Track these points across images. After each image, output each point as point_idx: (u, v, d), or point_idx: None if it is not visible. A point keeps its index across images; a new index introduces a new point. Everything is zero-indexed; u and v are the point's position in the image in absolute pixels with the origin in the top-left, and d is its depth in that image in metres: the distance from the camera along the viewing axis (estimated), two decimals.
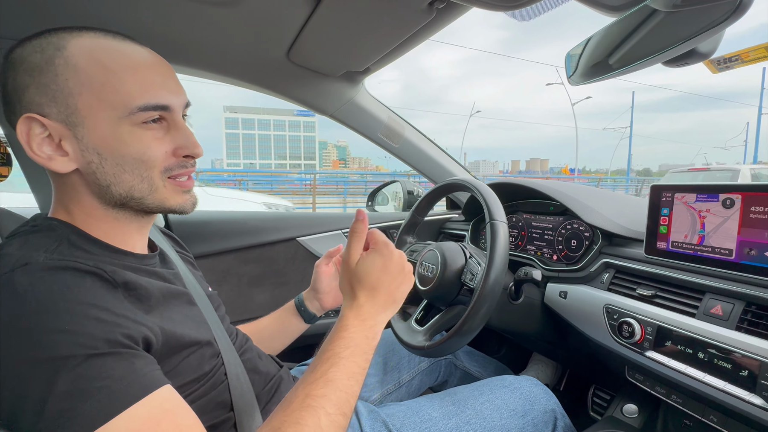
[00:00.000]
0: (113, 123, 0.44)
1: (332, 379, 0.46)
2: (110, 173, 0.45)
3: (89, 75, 0.43)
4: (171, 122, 0.48)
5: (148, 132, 0.46)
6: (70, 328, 0.36)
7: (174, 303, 0.50)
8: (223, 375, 0.53)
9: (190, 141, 0.49)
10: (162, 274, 0.53)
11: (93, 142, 0.44)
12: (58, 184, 0.48)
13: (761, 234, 0.60)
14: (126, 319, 0.40)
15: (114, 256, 0.48)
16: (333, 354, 0.48)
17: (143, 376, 0.38)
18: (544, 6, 0.62)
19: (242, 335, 0.68)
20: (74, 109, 0.43)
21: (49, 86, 0.42)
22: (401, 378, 0.94)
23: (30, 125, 0.43)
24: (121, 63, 0.44)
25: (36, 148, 0.43)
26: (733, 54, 0.66)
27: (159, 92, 0.46)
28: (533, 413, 0.74)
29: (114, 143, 0.44)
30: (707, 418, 0.66)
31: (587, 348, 0.85)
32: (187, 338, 0.48)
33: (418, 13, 0.72)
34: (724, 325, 0.60)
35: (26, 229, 0.46)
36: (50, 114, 0.43)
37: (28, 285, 0.37)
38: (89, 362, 0.35)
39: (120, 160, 0.45)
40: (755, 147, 26.23)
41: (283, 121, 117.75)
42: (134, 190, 0.46)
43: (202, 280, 0.66)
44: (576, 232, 0.94)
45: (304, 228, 1.29)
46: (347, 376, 0.47)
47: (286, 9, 0.76)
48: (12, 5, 0.73)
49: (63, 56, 0.43)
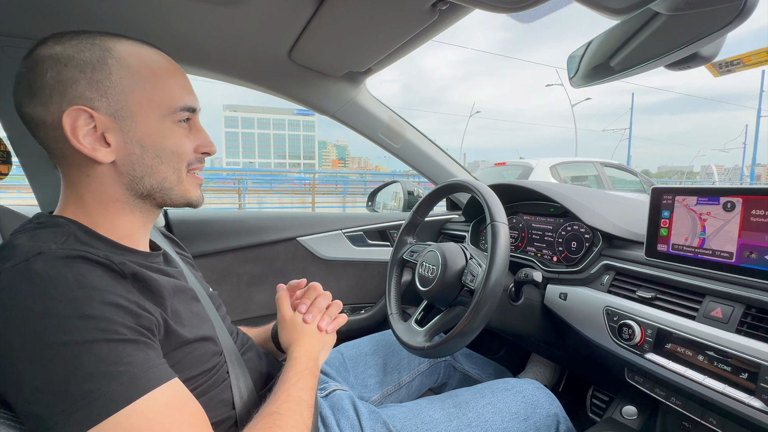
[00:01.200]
0: (158, 119, 0.49)
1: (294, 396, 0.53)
2: (148, 164, 0.49)
3: (141, 76, 0.48)
4: (193, 123, 0.54)
5: (181, 129, 0.51)
6: (89, 313, 0.37)
7: (180, 298, 0.51)
8: (225, 373, 0.55)
9: (207, 140, 0.55)
10: (167, 271, 0.54)
11: (138, 135, 0.48)
12: (78, 177, 0.48)
13: (762, 237, 0.60)
14: (138, 307, 0.42)
15: (120, 252, 0.49)
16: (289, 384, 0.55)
17: (156, 367, 0.40)
18: (547, 8, 0.62)
19: (243, 335, 0.69)
20: (124, 104, 0.47)
21: (102, 82, 0.46)
22: (401, 379, 0.95)
23: (77, 117, 0.45)
24: (163, 68, 0.50)
25: (82, 138, 0.45)
26: (735, 58, 0.66)
27: (190, 96, 0.52)
28: (535, 417, 0.74)
29: (158, 137, 0.49)
30: (706, 421, 0.66)
31: (587, 349, 0.85)
32: (192, 334, 0.49)
33: (421, 14, 0.72)
34: (724, 327, 0.60)
35: (31, 225, 0.46)
36: (99, 108, 0.46)
37: (45, 273, 0.38)
38: (110, 346, 0.37)
39: (160, 152, 0.49)
40: (754, 149, 26.30)
41: (283, 120, 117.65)
42: (166, 180, 0.51)
43: (202, 281, 0.67)
44: (576, 234, 0.94)
45: (304, 228, 1.29)
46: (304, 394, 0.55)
47: (289, 9, 0.76)
48: (12, 5, 0.73)
49: (114, 57, 0.47)
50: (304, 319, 0.65)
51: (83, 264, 0.40)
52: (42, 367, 0.35)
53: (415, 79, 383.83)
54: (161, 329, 0.44)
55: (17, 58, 0.85)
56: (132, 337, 0.39)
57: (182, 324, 0.48)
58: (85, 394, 0.35)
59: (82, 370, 0.35)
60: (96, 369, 0.36)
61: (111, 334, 0.37)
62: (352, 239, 1.35)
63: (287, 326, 0.66)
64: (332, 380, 0.82)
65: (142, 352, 0.39)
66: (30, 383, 0.35)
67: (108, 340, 0.37)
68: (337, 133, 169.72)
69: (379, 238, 1.42)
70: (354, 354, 0.95)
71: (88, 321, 0.37)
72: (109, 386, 0.35)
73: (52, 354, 0.35)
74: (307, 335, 0.64)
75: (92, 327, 0.37)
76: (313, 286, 0.71)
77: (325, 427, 0.66)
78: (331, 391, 0.75)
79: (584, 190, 1.04)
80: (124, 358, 0.37)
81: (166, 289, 0.48)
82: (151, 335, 0.42)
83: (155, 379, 0.39)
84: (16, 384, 0.36)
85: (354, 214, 1.41)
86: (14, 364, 0.36)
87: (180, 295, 0.52)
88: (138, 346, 0.39)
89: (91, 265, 0.41)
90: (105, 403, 0.35)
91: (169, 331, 0.46)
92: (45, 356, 0.35)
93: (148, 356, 0.39)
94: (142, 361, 0.38)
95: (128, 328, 0.39)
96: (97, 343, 0.36)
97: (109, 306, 0.39)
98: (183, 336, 0.47)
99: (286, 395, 0.52)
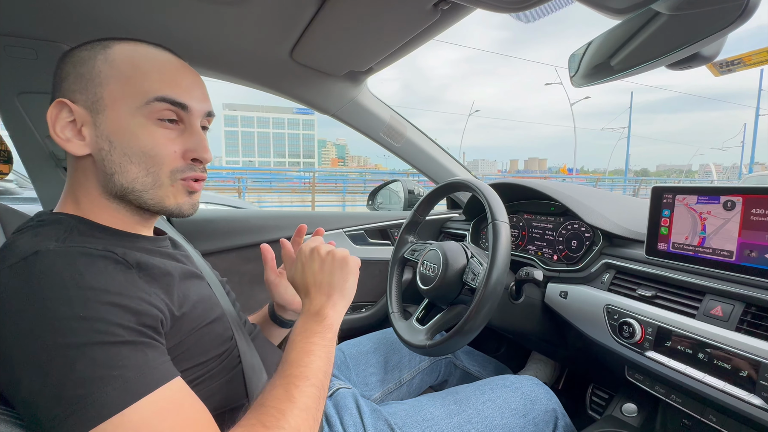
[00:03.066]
0: (129, 114, 0.46)
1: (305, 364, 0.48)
2: (117, 162, 0.47)
3: (120, 69, 0.46)
4: (188, 126, 0.50)
5: (160, 130, 0.48)
6: (84, 314, 0.36)
7: (188, 283, 0.51)
8: (236, 358, 0.54)
9: (200, 145, 0.50)
10: (175, 255, 0.54)
11: (107, 130, 0.46)
12: (71, 171, 0.50)
13: (762, 236, 0.60)
14: (140, 301, 0.41)
15: (125, 239, 0.49)
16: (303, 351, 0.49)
17: (155, 368, 0.38)
18: (549, 8, 0.62)
19: (250, 323, 0.69)
20: (99, 97, 0.46)
21: (85, 76, 0.46)
22: (402, 377, 0.95)
23: (60, 109, 0.46)
24: (151, 63, 0.48)
25: (59, 130, 0.46)
26: (736, 57, 0.66)
27: (180, 92, 0.48)
28: (534, 413, 0.75)
29: (125, 134, 0.46)
30: (706, 418, 0.66)
31: (587, 347, 0.85)
32: (202, 318, 0.49)
33: (423, 13, 0.72)
34: (723, 326, 0.61)
35: (33, 224, 0.46)
36: (79, 100, 0.46)
37: (40, 273, 0.38)
38: (105, 349, 0.36)
39: (128, 150, 0.46)
40: (752, 148, 26.33)
41: (282, 119, 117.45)
42: (137, 182, 0.47)
43: (211, 267, 0.67)
44: (577, 233, 0.94)
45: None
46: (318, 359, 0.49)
47: (291, 9, 0.76)
48: (15, 5, 0.74)
49: (105, 53, 0.47)
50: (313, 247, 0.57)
51: (82, 260, 0.40)
52: (38, 368, 0.35)
53: (413, 78, 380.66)
54: (168, 321, 0.43)
55: (19, 57, 0.86)
56: (129, 339, 0.38)
57: (192, 309, 0.48)
58: (79, 399, 0.34)
59: (77, 374, 0.34)
60: (90, 373, 0.35)
61: (106, 336, 0.36)
62: (353, 238, 1.36)
63: (295, 268, 0.58)
64: (335, 378, 0.83)
65: (140, 353, 0.38)
66: (27, 385, 0.35)
67: (103, 342, 0.36)
68: (337, 132, 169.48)
69: (380, 237, 1.42)
70: (355, 352, 0.95)
71: (83, 323, 0.36)
72: (102, 391, 0.35)
73: (48, 356, 0.35)
74: (316, 263, 0.56)
75: (88, 329, 0.36)
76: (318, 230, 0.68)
77: (329, 426, 0.66)
78: (335, 390, 0.76)
79: (584, 189, 1.04)
80: (120, 361, 0.36)
81: (173, 274, 0.48)
82: (153, 332, 0.41)
83: (152, 382, 0.37)
84: (14, 384, 0.36)
85: (355, 213, 1.41)
86: (13, 365, 0.35)
87: (188, 279, 0.51)
88: (136, 347, 0.38)
89: (91, 259, 0.40)
90: (98, 408, 0.34)
91: (178, 318, 0.45)
92: (41, 358, 0.35)
93: (146, 357, 0.38)
94: (139, 363, 0.37)
95: (126, 329, 0.38)
96: (92, 345, 0.36)
97: (107, 306, 0.38)
98: (193, 321, 0.47)
99: (274, 379, 0.46)
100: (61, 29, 0.82)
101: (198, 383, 0.48)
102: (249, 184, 12.00)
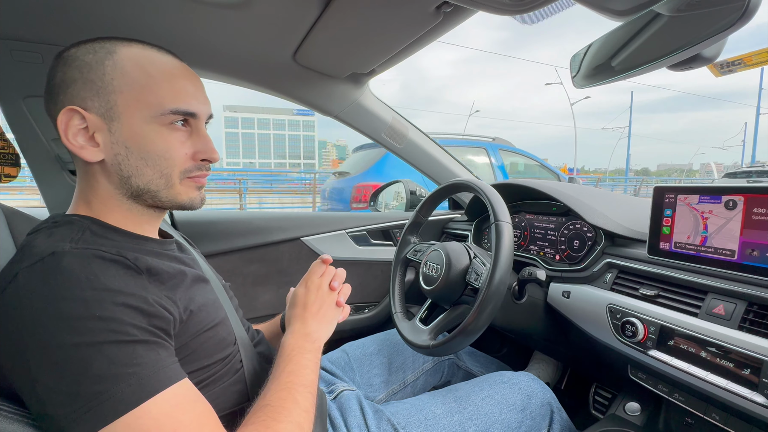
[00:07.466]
0: (145, 121, 0.48)
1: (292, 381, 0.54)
2: (133, 166, 0.48)
3: (133, 78, 0.47)
4: (194, 129, 0.52)
5: (173, 134, 0.50)
6: (100, 314, 0.38)
7: (195, 287, 0.52)
8: (239, 362, 0.56)
9: (208, 147, 0.53)
10: (181, 258, 0.55)
11: (124, 137, 0.48)
12: (81, 175, 0.51)
13: (763, 235, 0.61)
14: (151, 303, 0.42)
15: (135, 242, 0.50)
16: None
17: (167, 367, 0.40)
18: (550, 9, 0.63)
19: (254, 329, 0.70)
20: (113, 105, 0.47)
21: (95, 83, 0.46)
22: (406, 378, 0.95)
23: (71, 116, 0.46)
24: (161, 71, 0.49)
25: (71, 137, 0.47)
26: (736, 58, 0.67)
27: (189, 100, 0.50)
28: (531, 407, 0.76)
29: (142, 140, 0.48)
30: (709, 416, 0.67)
31: (590, 347, 0.86)
32: (207, 321, 0.50)
33: (425, 16, 0.73)
34: (726, 324, 0.61)
35: (47, 225, 0.47)
36: (91, 108, 0.47)
37: (58, 273, 0.39)
38: (121, 348, 0.38)
39: (144, 155, 0.48)
40: (753, 147, 26.28)
41: (283, 121, 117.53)
42: (152, 183, 0.50)
43: (215, 272, 0.68)
44: (579, 233, 0.95)
45: (308, 228, 1.30)
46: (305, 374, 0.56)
47: (294, 12, 0.77)
48: (21, 10, 0.75)
49: (113, 59, 0.47)
50: (331, 286, 0.68)
51: (97, 263, 0.41)
52: (54, 367, 0.36)
53: (413, 78, 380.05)
54: (176, 323, 0.45)
55: (25, 61, 0.87)
56: (143, 338, 0.39)
57: (198, 312, 0.49)
58: (95, 396, 0.35)
59: (93, 372, 0.36)
60: (106, 371, 0.36)
61: (121, 336, 0.38)
62: (356, 239, 1.36)
63: (309, 291, 0.67)
64: (340, 380, 0.83)
65: (153, 352, 0.40)
66: (43, 383, 0.36)
67: (118, 341, 0.38)
68: (337, 133, 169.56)
69: (383, 238, 1.43)
70: (359, 354, 0.95)
71: (99, 322, 0.37)
72: (118, 388, 0.36)
73: (64, 355, 0.36)
74: (326, 305, 0.67)
75: (103, 328, 0.37)
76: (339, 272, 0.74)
77: (333, 428, 0.67)
78: (340, 392, 0.76)
79: (586, 189, 1.05)
80: (134, 359, 0.38)
81: (181, 278, 0.49)
82: (163, 334, 0.42)
83: (165, 380, 0.39)
84: (29, 383, 0.37)
85: (357, 214, 1.42)
86: (28, 364, 0.36)
87: (195, 283, 0.53)
88: (149, 346, 0.40)
89: (105, 263, 0.42)
90: (114, 404, 0.35)
91: (184, 321, 0.46)
92: (57, 357, 0.36)
93: (158, 356, 0.40)
94: (152, 361, 0.39)
95: (139, 329, 0.39)
96: (108, 344, 0.37)
97: (121, 307, 0.39)
98: (197, 324, 0.48)
99: (276, 384, 0.52)
100: (67, 33, 0.83)
101: (202, 386, 0.49)
102: (250, 186, 12.00)
